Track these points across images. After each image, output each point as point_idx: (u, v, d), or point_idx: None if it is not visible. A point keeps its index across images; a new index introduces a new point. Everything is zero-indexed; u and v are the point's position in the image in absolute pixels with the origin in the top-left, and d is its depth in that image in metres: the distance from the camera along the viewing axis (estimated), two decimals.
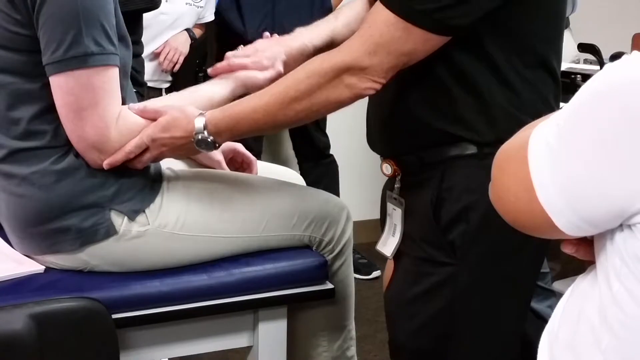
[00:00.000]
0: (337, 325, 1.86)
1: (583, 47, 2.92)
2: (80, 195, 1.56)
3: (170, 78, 3.27)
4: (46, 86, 1.53)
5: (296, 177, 2.04)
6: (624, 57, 0.87)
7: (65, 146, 1.56)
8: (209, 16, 3.32)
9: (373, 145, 1.62)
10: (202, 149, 1.56)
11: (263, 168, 1.98)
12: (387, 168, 1.56)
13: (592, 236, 0.92)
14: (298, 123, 1.55)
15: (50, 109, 1.54)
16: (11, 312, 1.47)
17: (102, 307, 1.52)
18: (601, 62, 2.82)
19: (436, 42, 1.38)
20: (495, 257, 1.46)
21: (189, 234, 1.64)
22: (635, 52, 0.86)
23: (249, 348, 1.76)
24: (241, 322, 1.73)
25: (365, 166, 3.57)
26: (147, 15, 2.58)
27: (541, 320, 1.74)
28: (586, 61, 3.11)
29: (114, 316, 1.54)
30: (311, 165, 3.48)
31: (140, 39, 2.53)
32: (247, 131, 1.54)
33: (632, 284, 0.85)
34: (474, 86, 1.42)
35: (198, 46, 3.33)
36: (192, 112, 1.55)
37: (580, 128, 0.86)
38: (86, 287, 1.57)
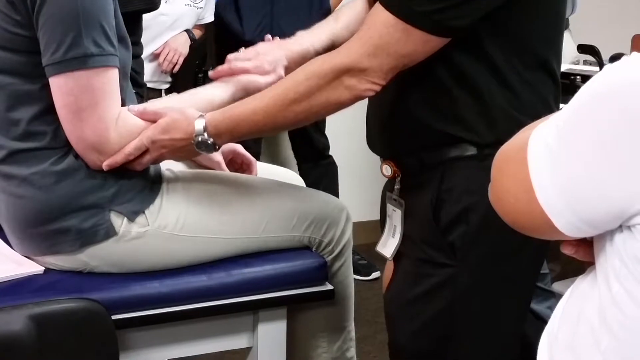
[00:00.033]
0: (337, 326, 1.86)
1: (583, 48, 2.91)
2: (79, 196, 1.56)
3: (169, 79, 3.27)
4: (46, 87, 1.53)
5: (296, 178, 2.04)
6: (624, 59, 0.87)
7: (64, 147, 1.56)
8: (209, 17, 3.32)
9: (373, 146, 1.62)
10: (202, 151, 1.56)
11: (263, 169, 1.97)
12: (387, 169, 1.56)
13: (592, 237, 0.92)
14: (298, 125, 1.55)
15: (49, 110, 1.54)
16: (11, 313, 1.47)
17: (102, 308, 1.52)
18: (601, 63, 2.81)
19: (436, 44, 1.37)
20: (495, 258, 1.46)
21: (189, 235, 1.64)
22: (634, 54, 0.86)
23: (249, 349, 1.76)
24: (241, 323, 1.73)
25: (365, 167, 3.56)
26: (147, 16, 2.58)
27: (541, 321, 1.75)
28: (586, 62, 3.11)
29: (114, 317, 1.54)
30: (310, 166, 3.48)
31: (139, 40, 2.53)
32: (247, 133, 1.54)
33: (632, 285, 0.85)
34: (474, 87, 1.42)
35: (198, 47, 3.32)
36: (192, 114, 1.55)
37: (579, 129, 0.86)
38: (86, 288, 1.57)
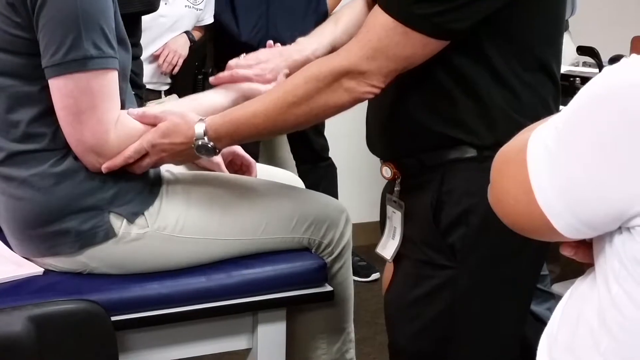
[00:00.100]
0: (336, 327, 1.86)
1: (582, 50, 2.91)
2: (79, 197, 1.56)
3: (169, 80, 3.27)
4: (45, 89, 1.53)
5: (295, 180, 2.04)
6: (623, 60, 0.87)
7: (64, 149, 1.56)
8: (208, 19, 3.32)
9: (373, 148, 1.62)
10: (203, 155, 1.56)
11: (262, 171, 1.97)
12: (387, 171, 1.56)
13: (591, 239, 0.93)
14: (298, 128, 1.55)
15: (49, 112, 1.54)
16: (10, 314, 1.47)
17: (101, 310, 1.52)
18: (600, 65, 2.81)
19: (435, 46, 1.37)
20: (495, 260, 1.46)
21: (188, 237, 1.64)
22: (634, 55, 0.86)
23: (248, 350, 1.76)
24: (240, 325, 1.73)
25: (364, 169, 3.56)
26: (146, 17, 2.58)
27: (540, 322, 1.74)
28: (585, 64, 3.10)
29: (113, 318, 1.54)
30: (309, 167, 3.47)
31: (139, 42, 2.53)
32: (247, 136, 1.54)
33: (631, 287, 0.85)
34: (474, 89, 1.42)
35: (197, 49, 3.32)
36: (192, 118, 1.55)
37: (579, 131, 0.86)
38: (85, 290, 1.57)
